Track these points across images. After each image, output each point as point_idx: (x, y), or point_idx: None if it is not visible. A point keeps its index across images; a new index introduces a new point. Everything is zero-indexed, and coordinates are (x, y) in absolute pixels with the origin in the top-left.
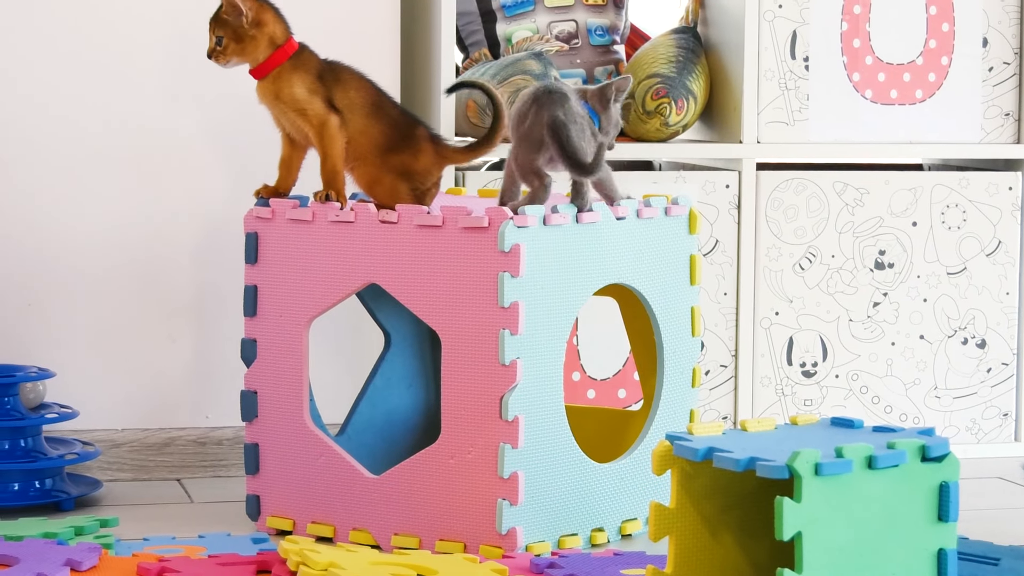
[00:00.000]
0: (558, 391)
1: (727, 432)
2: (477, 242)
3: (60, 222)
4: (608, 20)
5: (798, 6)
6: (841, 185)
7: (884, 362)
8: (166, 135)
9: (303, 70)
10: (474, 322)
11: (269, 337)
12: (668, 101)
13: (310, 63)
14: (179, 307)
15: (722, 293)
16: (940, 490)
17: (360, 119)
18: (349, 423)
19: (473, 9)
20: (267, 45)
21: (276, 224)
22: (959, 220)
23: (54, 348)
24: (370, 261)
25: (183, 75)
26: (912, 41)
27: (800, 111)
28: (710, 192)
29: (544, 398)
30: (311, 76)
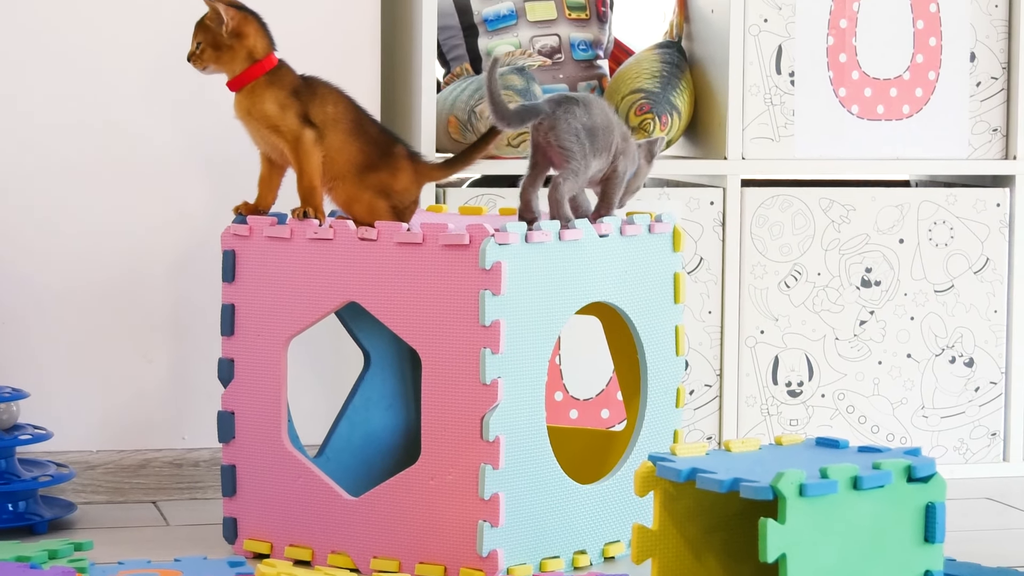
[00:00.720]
0: (540, 411)
1: (711, 453)
2: (458, 260)
3: (34, 241)
4: (591, 34)
5: (783, 20)
6: (827, 202)
7: (871, 381)
8: (142, 153)
9: (277, 86)
10: (455, 341)
11: (246, 357)
12: (652, 117)
13: (285, 79)
14: (155, 326)
15: (707, 311)
16: (927, 511)
17: (338, 136)
18: (328, 444)
19: (455, 23)
20: (245, 58)
21: (254, 242)
22: (946, 237)
23: (28, 368)
24: (349, 279)
25: (159, 94)
26: (899, 56)
27: (785, 127)
28: (694, 209)
29: (526, 418)
30: (284, 92)
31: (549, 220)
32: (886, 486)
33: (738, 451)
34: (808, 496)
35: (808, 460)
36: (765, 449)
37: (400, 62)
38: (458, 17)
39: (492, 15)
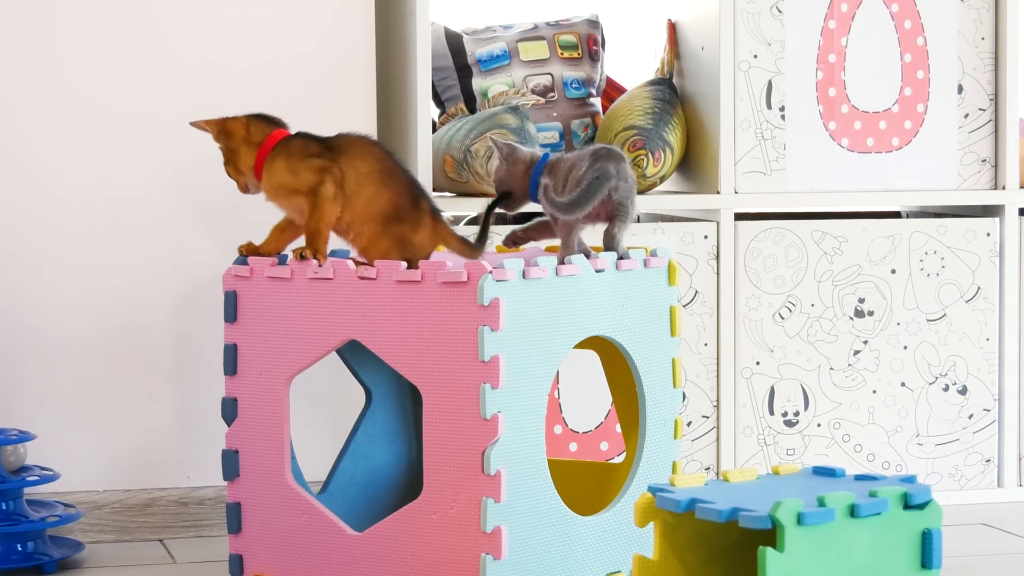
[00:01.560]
0: (540, 444)
1: (709, 483)
2: (456, 297)
3: (39, 284)
4: (584, 73)
5: (773, 56)
6: (819, 234)
7: (866, 410)
8: (144, 196)
9: (285, 156)
10: (455, 376)
11: (250, 395)
12: (645, 153)
13: (294, 147)
14: (159, 367)
15: (703, 344)
16: (923, 538)
17: (370, 188)
18: (331, 480)
19: (449, 64)
20: (249, 150)
21: (255, 282)
22: (938, 267)
23: (34, 410)
24: (350, 317)
25: (161, 135)
26: (887, 89)
27: (777, 160)
28: (689, 243)
29: (526, 452)
30: (296, 158)
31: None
32: (883, 514)
33: (736, 481)
34: (806, 524)
35: (805, 489)
36: (763, 479)
37: (395, 103)
38: (452, 58)
39: (485, 55)
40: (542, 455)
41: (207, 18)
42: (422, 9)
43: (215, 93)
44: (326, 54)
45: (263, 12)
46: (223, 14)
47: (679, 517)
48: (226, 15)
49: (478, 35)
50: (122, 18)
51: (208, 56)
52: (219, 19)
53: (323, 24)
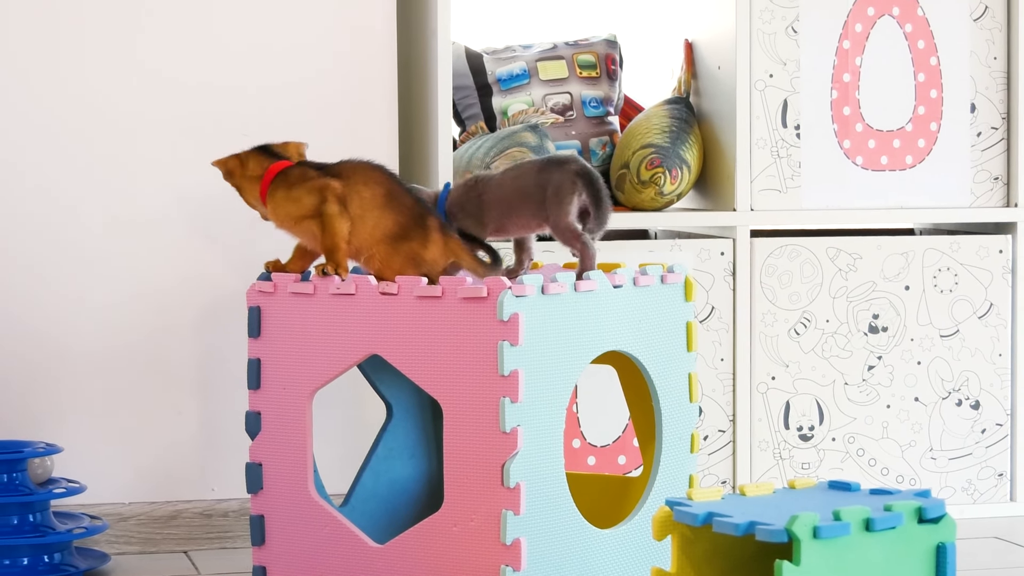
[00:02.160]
0: (559, 458)
1: (726, 497)
2: (476, 312)
3: (65, 298)
4: (602, 92)
5: (788, 75)
6: (834, 251)
7: (880, 425)
8: (170, 211)
9: (284, 185)
10: (475, 390)
11: (273, 409)
12: (662, 171)
13: (293, 176)
14: (184, 381)
15: (719, 359)
16: (937, 551)
17: (374, 213)
18: (353, 493)
19: (469, 83)
20: (252, 185)
21: (278, 298)
22: (951, 283)
23: (61, 423)
24: (371, 332)
25: (184, 150)
26: (901, 108)
27: (792, 178)
28: (705, 260)
29: (545, 465)
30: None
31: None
32: (897, 527)
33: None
34: (822, 538)
35: (821, 503)
36: (779, 493)
37: (417, 122)
38: (472, 77)
39: (505, 75)
40: (561, 468)
41: (230, 40)
42: (443, 29)
43: (237, 114)
44: (348, 74)
45: (286, 32)
46: (246, 37)
47: (696, 531)
48: (248, 37)
49: (498, 55)
50: (147, 40)
51: (231, 78)
52: (241, 41)
53: (345, 45)
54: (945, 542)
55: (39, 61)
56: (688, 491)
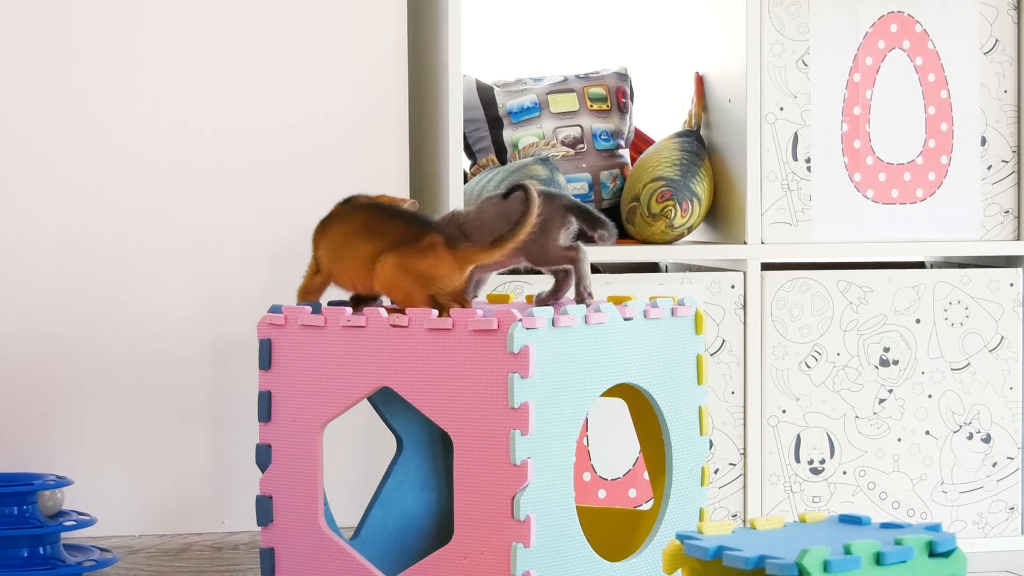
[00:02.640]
0: (569, 490)
1: (736, 530)
2: (487, 344)
3: (75, 331)
4: (612, 125)
5: (799, 108)
6: (845, 284)
7: (891, 458)
8: (180, 243)
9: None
10: (485, 423)
11: (284, 442)
12: (673, 204)
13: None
14: (194, 414)
15: (730, 392)
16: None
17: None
18: (363, 526)
19: (480, 116)
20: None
21: (289, 330)
22: (962, 316)
23: (71, 456)
24: (382, 365)
25: (198, 185)
26: (912, 141)
27: (803, 211)
28: (716, 292)
29: (555, 497)
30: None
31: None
32: (908, 561)
33: (763, 528)
34: (833, 572)
35: (832, 537)
36: (789, 526)
37: (428, 154)
38: (483, 110)
39: (516, 107)
40: (571, 501)
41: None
42: (454, 62)
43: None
44: (360, 106)
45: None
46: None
47: (707, 564)
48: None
49: (509, 88)
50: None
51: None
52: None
53: (358, 78)
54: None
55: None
56: (698, 524)
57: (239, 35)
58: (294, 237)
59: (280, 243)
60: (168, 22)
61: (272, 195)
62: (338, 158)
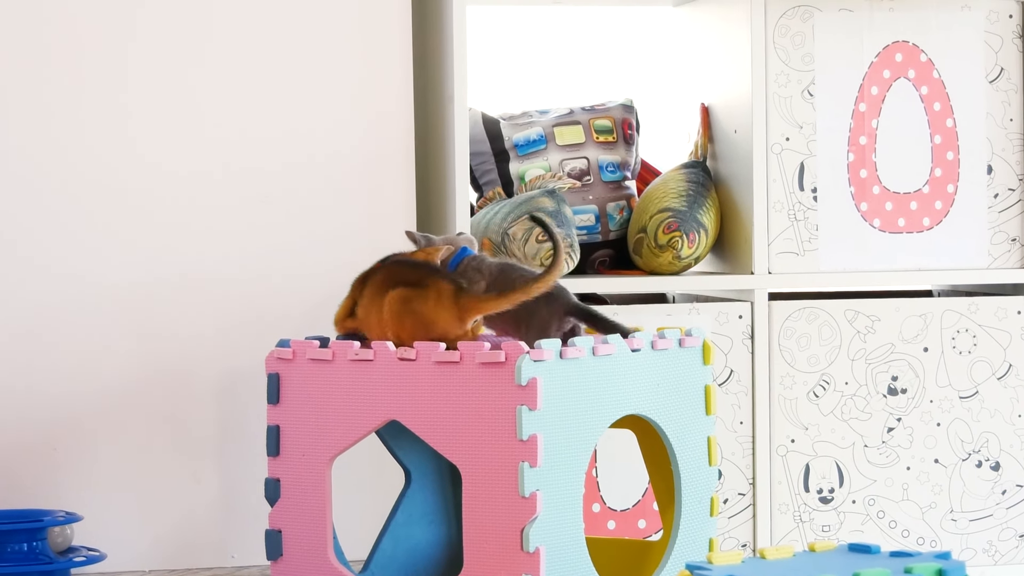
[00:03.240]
0: (578, 522)
1: (746, 560)
2: (495, 377)
3: (84, 368)
4: (619, 156)
5: (805, 139)
6: (852, 313)
7: (900, 486)
8: (186, 277)
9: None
10: (493, 455)
11: (292, 476)
12: (680, 235)
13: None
14: (203, 448)
15: (738, 422)
16: None
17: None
18: (372, 559)
19: (487, 149)
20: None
21: (297, 364)
22: (969, 345)
23: (81, 492)
24: (390, 398)
25: (205, 222)
26: (918, 170)
27: (810, 241)
28: (723, 323)
29: (564, 529)
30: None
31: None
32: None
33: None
34: None
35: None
36: (799, 556)
37: (434, 187)
38: (489, 143)
39: (522, 140)
40: (580, 532)
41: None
42: (460, 96)
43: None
44: (367, 140)
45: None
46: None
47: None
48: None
49: (515, 120)
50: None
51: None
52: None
53: (364, 112)
54: None
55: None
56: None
57: (246, 71)
58: (302, 271)
59: (288, 277)
60: (174, 60)
61: (280, 230)
62: (345, 192)
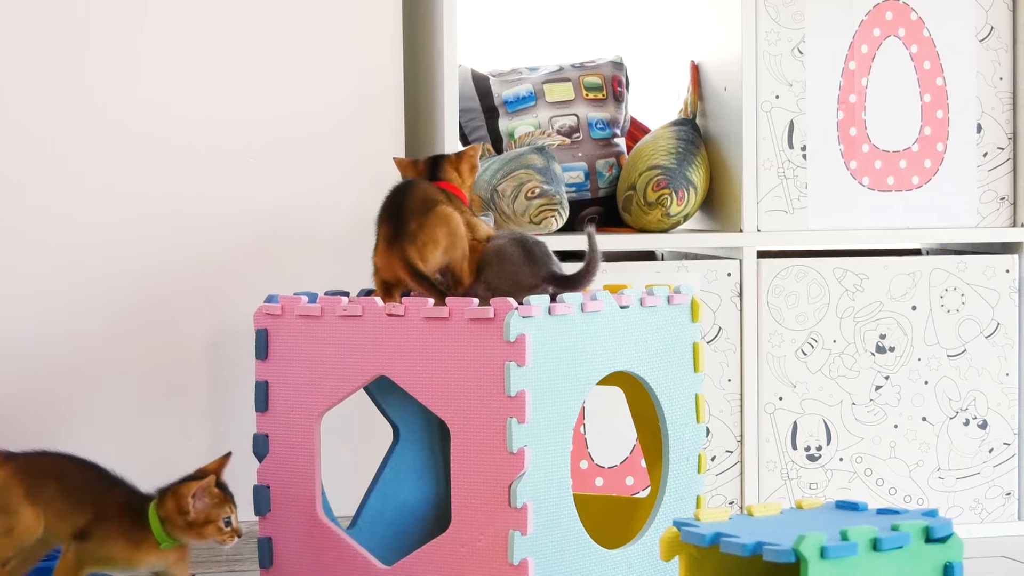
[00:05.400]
0: (566, 478)
1: (733, 517)
2: (483, 333)
3: (70, 321)
4: (608, 114)
5: (794, 97)
6: (841, 271)
7: (887, 444)
8: (176, 232)
9: None
10: (482, 411)
11: (280, 432)
12: (669, 192)
13: None
14: (192, 404)
15: (726, 379)
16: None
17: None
18: (360, 515)
19: (476, 106)
20: None
21: (285, 320)
22: (958, 303)
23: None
24: (378, 354)
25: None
26: (907, 128)
27: (799, 199)
28: (712, 280)
29: (552, 485)
30: None
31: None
32: (905, 547)
33: (760, 515)
34: (829, 558)
35: (828, 523)
36: (786, 513)
37: (423, 144)
38: (479, 100)
39: (512, 97)
40: (568, 489)
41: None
42: (450, 52)
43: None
44: (355, 97)
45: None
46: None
47: (704, 551)
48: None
49: (504, 77)
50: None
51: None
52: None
53: (353, 68)
54: (953, 561)
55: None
56: (695, 511)
57: (235, 27)
58: (289, 227)
59: (275, 233)
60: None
61: (268, 185)
62: (333, 148)
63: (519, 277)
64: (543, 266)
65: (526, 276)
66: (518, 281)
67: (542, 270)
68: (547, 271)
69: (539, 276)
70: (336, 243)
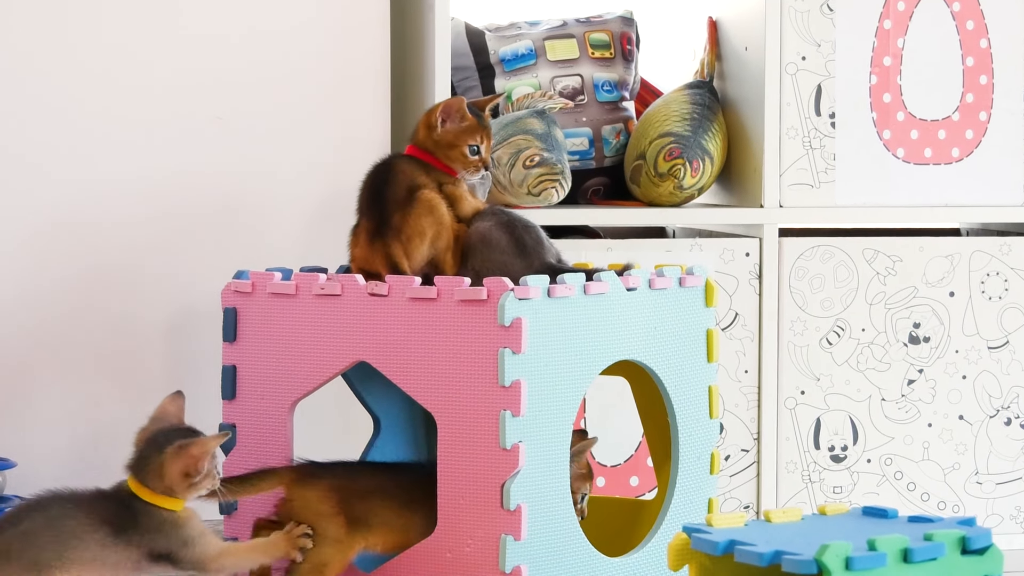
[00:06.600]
0: (564, 478)
1: (749, 523)
2: (475, 316)
3: (22, 302)
4: (616, 74)
5: (823, 58)
6: (871, 252)
7: (920, 445)
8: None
9: None
10: (472, 403)
11: (250, 421)
12: (682, 162)
13: None
14: (151, 390)
15: (743, 371)
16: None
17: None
18: None
19: (470, 63)
20: None
21: (256, 298)
22: (1000, 289)
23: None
24: (358, 337)
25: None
26: (947, 95)
27: (826, 172)
28: (728, 261)
29: (549, 485)
30: None
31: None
32: (939, 559)
33: (779, 521)
34: (855, 570)
35: (854, 531)
36: (808, 519)
37: (411, 105)
38: (473, 57)
39: (509, 54)
40: (566, 489)
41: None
42: (441, 4)
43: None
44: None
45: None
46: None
47: (716, 560)
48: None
49: (502, 32)
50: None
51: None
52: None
53: (335, 19)
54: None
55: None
56: (707, 516)
57: None
58: (261, 195)
59: (245, 202)
60: None
61: (237, 150)
62: (311, 109)
63: (509, 269)
64: (536, 257)
65: (517, 269)
66: (508, 274)
67: (535, 262)
68: (540, 263)
69: (532, 270)
70: (313, 213)
